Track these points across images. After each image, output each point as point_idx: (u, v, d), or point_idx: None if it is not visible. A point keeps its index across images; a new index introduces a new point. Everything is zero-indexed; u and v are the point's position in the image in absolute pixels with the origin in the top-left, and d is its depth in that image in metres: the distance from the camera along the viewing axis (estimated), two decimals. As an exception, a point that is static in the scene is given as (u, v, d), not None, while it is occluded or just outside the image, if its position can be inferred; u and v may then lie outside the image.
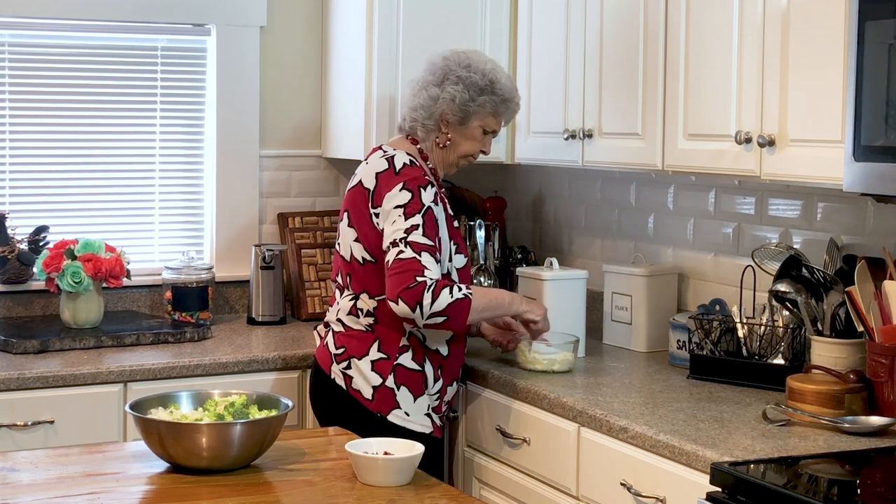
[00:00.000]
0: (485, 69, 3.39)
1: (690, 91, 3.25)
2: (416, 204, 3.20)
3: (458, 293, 3.15)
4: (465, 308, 3.16)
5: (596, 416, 3.00)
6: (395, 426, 3.24)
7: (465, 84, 3.36)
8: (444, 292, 3.13)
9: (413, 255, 3.15)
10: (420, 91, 3.41)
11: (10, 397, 3.38)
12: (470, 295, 3.17)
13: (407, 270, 3.13)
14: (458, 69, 3.38)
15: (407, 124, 3.44)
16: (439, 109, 3.37)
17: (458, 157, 3.43)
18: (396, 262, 3.15)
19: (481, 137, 3.43)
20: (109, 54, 4.22)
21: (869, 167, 2.66)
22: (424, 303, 3.11)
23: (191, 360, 3.60)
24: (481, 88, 3.37)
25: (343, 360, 3.31)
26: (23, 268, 4.03)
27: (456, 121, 3.38)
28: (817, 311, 3.12)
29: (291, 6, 4.41)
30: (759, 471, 2.50)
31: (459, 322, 3.18)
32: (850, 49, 2.69)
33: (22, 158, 4.15)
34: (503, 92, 3.40)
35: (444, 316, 3.14)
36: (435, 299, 3.11)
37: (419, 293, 3.11)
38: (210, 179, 4.36)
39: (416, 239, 3.16)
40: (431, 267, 3.15)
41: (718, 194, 3.73)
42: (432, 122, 3.39)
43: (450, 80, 3.36)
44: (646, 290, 3.73)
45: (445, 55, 3.42)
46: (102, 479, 2.52)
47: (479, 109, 3.38)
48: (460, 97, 3.35)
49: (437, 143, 3.40)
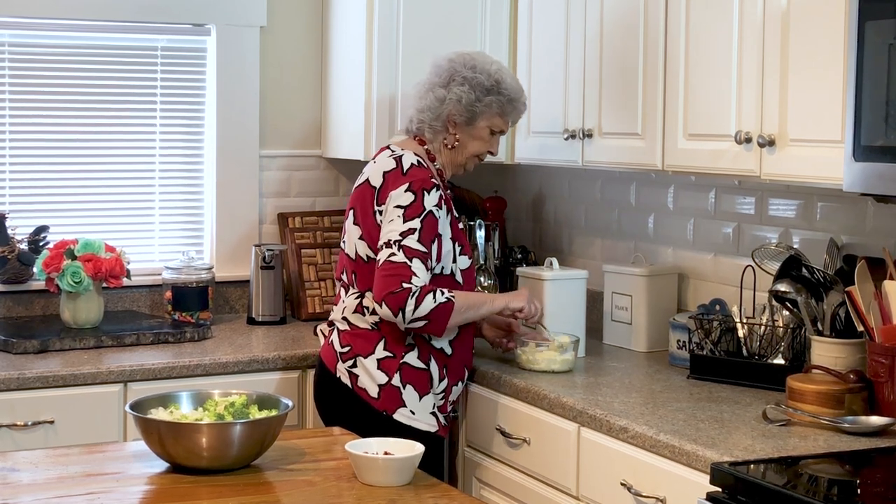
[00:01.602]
0: (490, 70, 3.40)
1: (690, 91, 3.25)
2: (418, 207, 3.21)
3: (441, 297, 3.19)
4: (447, 311, 3.19)
5: (596, 416, 3.00)
6: (400, 425, 3.25)
7: (471, 84, 3.37)
8: (428, 298, 3.17)
9: (404, 260, 3.17)
10: (426, 93, 3.42)
11: (10, 397, 3.38)
12: (453, 298, 3.21)
13: (395, 275, 3.16)
14: (463, 70, 3.39)
15: (414, 126, 3.45)
16: (446, 110, 3.38)
17: (466, 157, 3.45)
18: (386, 264, 3.18)
19: (489, 138, 3.44)
20: (109, 54, 4.21)
21: (869, 167, 2.66)
22: (407, 309, 3.15)
23: (191, 360, 3.60)
24: (487, 89, 3.38)
25: (349, 358, 3.32)
26: (23, 268, 4.03)
27: (463, 121, 3.39)
28: (817, 311, 3.12)
29: (291, 6, 4.41)
30: (759, 471, 2.50)
31: (440, 325, 3.21)
32: (850, 49, 2.69)
33: (22, 158, 4.15)
34: (509, 92, 3.41)
35: (425, 320, 3.19)
36: (418, 306, 3.16)
37: (403, 299, 3.15)
38: (210, 179, 4.36)
39: (409, 244, 3.18)
40: (420, 274, 3.18)
41: (718, 194, 3.73)
42: (439, 124, 3.40)
43: (455, 82, 3.38)
44: (646, 290, 3.73)
45: (451, 57, 3.43)
46: (102, 479, 2.52)
47: (486, 110, 3.39)
48: (466, 98, 3.36)
49: (444, 143, 3.42)
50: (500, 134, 3.48)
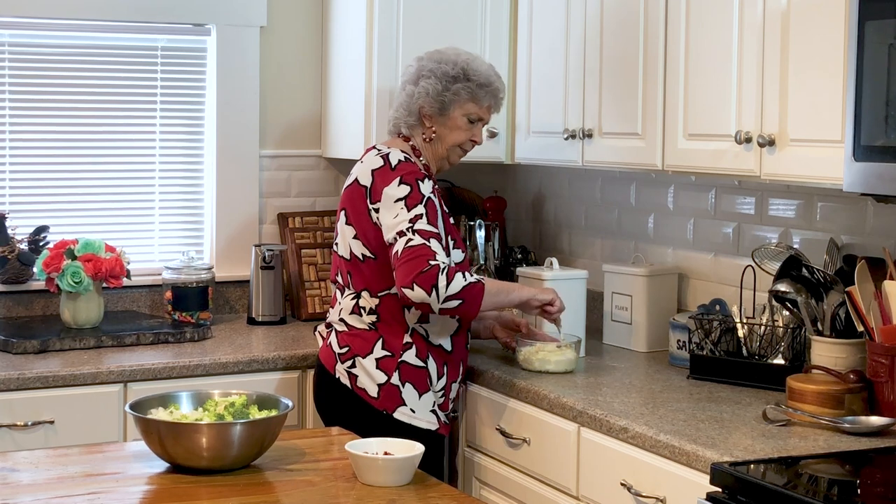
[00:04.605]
0: (457, 59, 3.43)
1: (690, 91, 3.25)
2: (417, 195, 3.23)
3: (470, 278, 3.20)
4: (479, 292, 3.19)
5: (596, 416, 3.00)
6: (401, 423, 3.25)
7: (437, 76, 3.40)
8: (458, 276, 3.16)
9: (423, 242, 3.17)
10: (400, 93, 3.48)
11: (10, 397, 3.38)
12: (482, 280, 3.23)
13: (419, 256, 3.15)
14: (429, 64, 3.43)
15: (391, 125, 3.50)
16: (416, 104, 3.41)
17: (446, 149, 3.45)
18: (407, 251, 3.16)
19: (467, 126, 3.44)
20: (109, 54, 4.21)
21: (869, 167, 2.66)
22: (440, 285, 3.12)
23: (191, 360, 3.60)
24: (454, 77, 3.40)
25: (347, 358, 3.32)
26: (23, 268, 4.03)
27: (435, 112, 3.41)
28: (817, 311, 3.12)
29: (291, 6, 4.41)
30: (759, 471, 2.50)
31: (474, 306, 3.20)
32: (850, 49, 2.69)
33: (22, 158, 4.15)
34: (477, 77, 3.41)
35: (459, 299, 3.16)
36: (450, 282, 3.14)
37: (434, 276, 3.12)
38: (210, 179, 4.36)
39: (422, 227, 3.19)
40: (440, 252, 3.18)
41: (718, 194, 3.73)
42: (413, 119, 3.43)
43: (423, 76, 3.42)
44: (646, 290, 3.73)
45: (420, 56, 3.49)
46: (102, 479, 2.52)
47: (455, 97, 3.40)
48: (433, 88, 3.39)
49: (423, 137, 3.44)
50: (480, 122, 3.46)
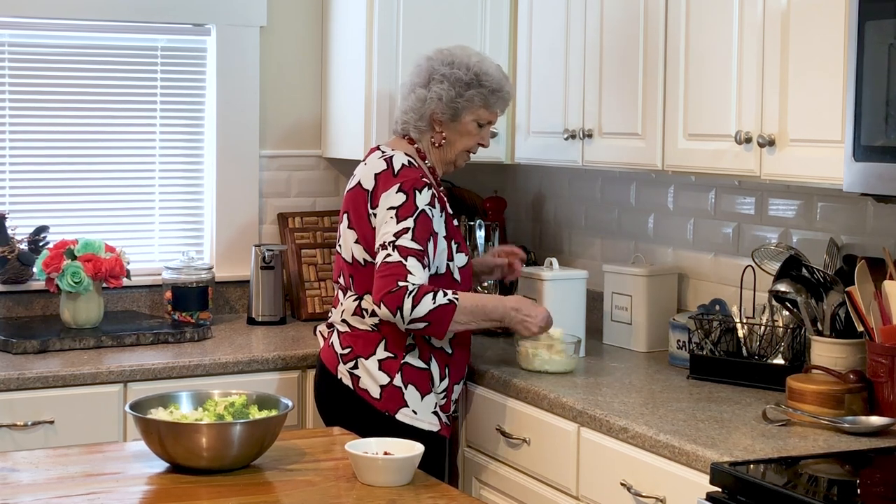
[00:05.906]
0: (469, 63, 3.38)
1: (690, 91, 3.25)
2: (410, 207, 3.20)
3: (441, 298, 3.16)
4: (448, 313, 3.16)
5: (596, 416, 3.00)
6: (403, 425, 3.25)
7: (450, 81, 3.35)
8: (427, 298, 3.14)
9: (399, 260, 3.15)
10: (408, 94, 3.42)
11: (10, 397, 3.38)
12: (456, 300, 3.17)
13: (390, 275, 3.15)
14: (441, 67, 3.37)
15: (399, 126, 3.45)
16: (429, 110, 3.37)
17: (455, 154, 3.43)
18: (383, 266, 3.17)
19: (477, 131, 3.42)
20: (109, 54, 4.22)
21: (869, 167, 2.66)
22: (405, 308, 3.12)
23: (191, 360, 3.60)
24: (467, 83, 3.36)
25: (350, 359, 3.31)
26: (23, 268, 4.03)
27: (447, 118, 3.38)
28: (817, 311, 3.12)
29: (291, 6, 4.41)
30: (759, 471, 2.50)
31: (441, 327, 3.18)
32: (850, 49, 2.69)
33: (22, 158, 4.15)
34: (490, 83, 3.38)
35: (425, 322, 3.15)
36: (416, 305, 3.12)
37: (400, 298, 3.12)
38: (210, 179, 4.36)
39: (404, 243, 3.17)
40: (416, 272, 3.15)
41: (718, 194, 3.73)
42: (424, 123, 3.39)
43: (435, 80, 3.37)
44: (646, 290, 3.73)
45: (430, 55, 3.43)
46: (102, 479, 2.52)
47: (468, 104, 3.37)
48: (447, 95, 3.35)
49: (432, 142, 3.41)
50: (489, 125, 3.45)
